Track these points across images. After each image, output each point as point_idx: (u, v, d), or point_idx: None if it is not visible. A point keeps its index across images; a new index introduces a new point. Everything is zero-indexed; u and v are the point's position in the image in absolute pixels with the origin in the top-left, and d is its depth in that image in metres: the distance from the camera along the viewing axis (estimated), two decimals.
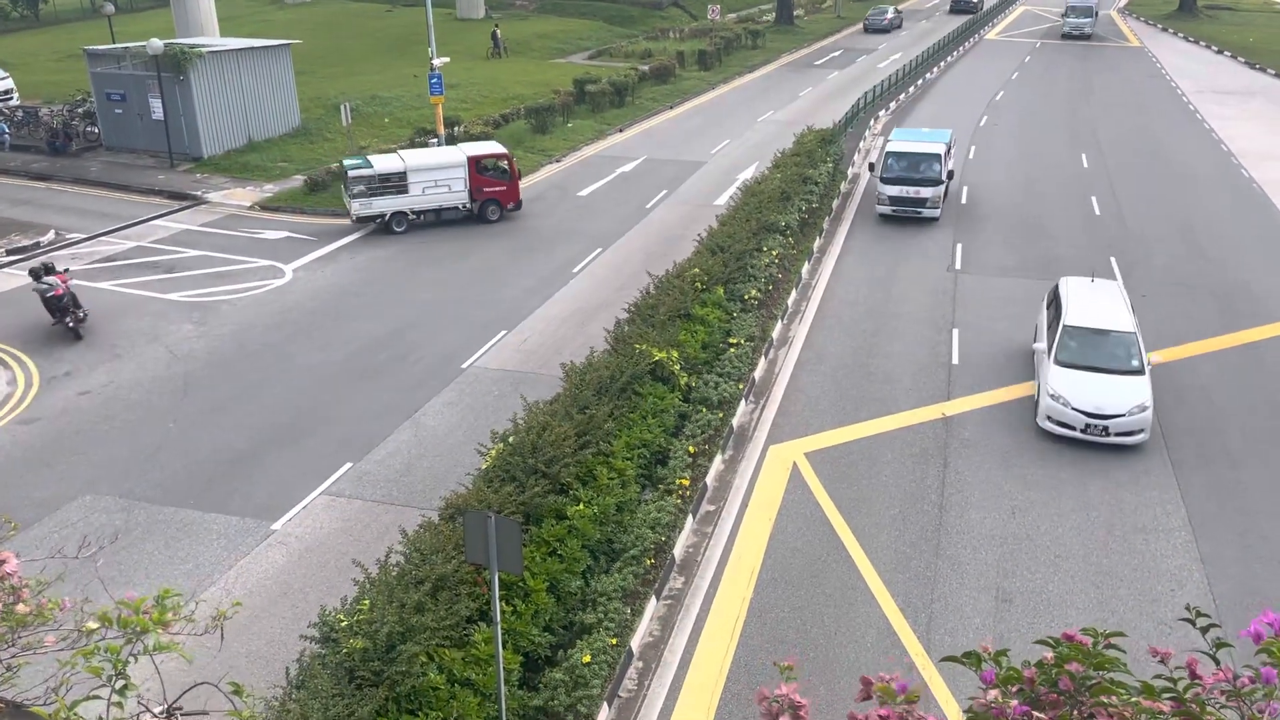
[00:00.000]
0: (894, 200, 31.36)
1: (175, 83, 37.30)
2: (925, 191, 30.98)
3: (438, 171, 31.46)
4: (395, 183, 30.96)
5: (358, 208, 30.65)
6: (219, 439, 19.60)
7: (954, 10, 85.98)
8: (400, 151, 32.93)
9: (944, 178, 31.36)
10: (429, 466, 18.54)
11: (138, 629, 2.88)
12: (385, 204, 30.97)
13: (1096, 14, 70.71)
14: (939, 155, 31.33)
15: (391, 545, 13.89)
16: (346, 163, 31.43)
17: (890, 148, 32.10)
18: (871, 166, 33.30)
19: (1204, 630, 2.57)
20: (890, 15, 77.79)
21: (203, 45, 39.53)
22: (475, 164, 31.90)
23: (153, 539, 16.47)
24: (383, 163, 31.17)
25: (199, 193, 35.07)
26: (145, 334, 24.25)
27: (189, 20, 50.23)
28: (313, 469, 18.46)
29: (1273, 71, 59.50)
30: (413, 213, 31.53)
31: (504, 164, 32.47)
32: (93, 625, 3.13)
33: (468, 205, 32.12)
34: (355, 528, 16.78)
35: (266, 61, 40.61)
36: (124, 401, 21.10)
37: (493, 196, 32.34)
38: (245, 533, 16.69)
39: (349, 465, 18.59)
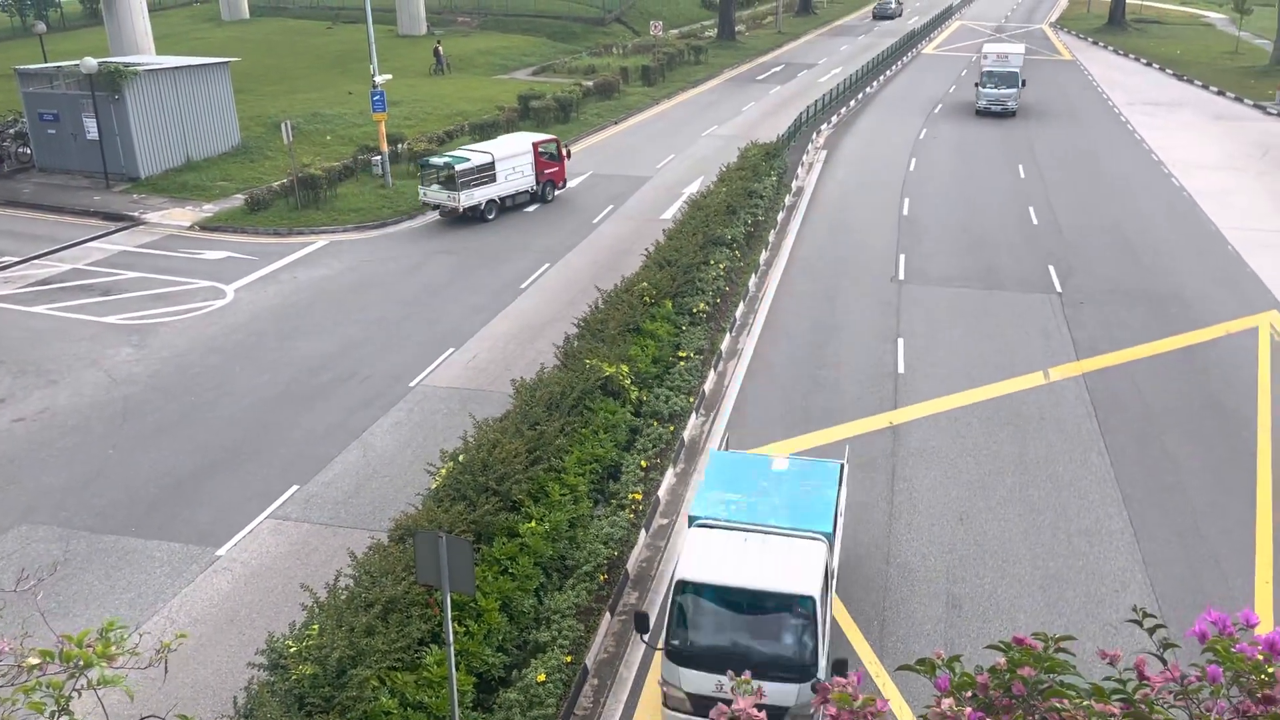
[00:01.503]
0: (696, 704, 11.94)
1: (110, 102, 36.60)
2: (776, 694, 11.26)
3: (515, 159, 34.51)
4: (488, 172, 33.48)
5: (464, 199, 32.89)
6: (160, 464, 19.18)
7: None
8: (479, 145, 35.79)
9: (819, 646, 11.82)
10: (378, 487, 18.31)
11: (81, 663, 2.80)
12: (483, 193, 33.49)
13: (1023, 83, 51.64)
14: (812, 600, 11.80)
15: (340, 568, 13.69)
16: (435, 160, 33.67)
17: (685, 569, 12.35)
18: (641, 620, 12.69)
19: (1150, 631, 2.63)
20: (894, 5, 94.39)
21: (138, 64, 38.87)
22: (537, 149, 35.27)
23: (93, 569, 16.05)
24: (476, 156, 33.66)
25: (136, 213, 34.40)
26: (82, 358, 23.69)
27: (123, 39, 49.37)
28: (258, 493, 18.13)
29: (1199, 83, 61.32)
30: (499, 199, 34.03)
31: (555, 148, 36.19)
32: (33, 661, 3.03)
33: (534, 188, 35.28)
34: (303, 551, 16.51)
35: (204, 80, 40.02)
36: (61, 428, 20.57)
37: (550, 178, 35.94)
38: (189, 560, 16.33)
39: (295, 488, 18.29)
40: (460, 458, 15.58)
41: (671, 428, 19.48)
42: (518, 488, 14.93)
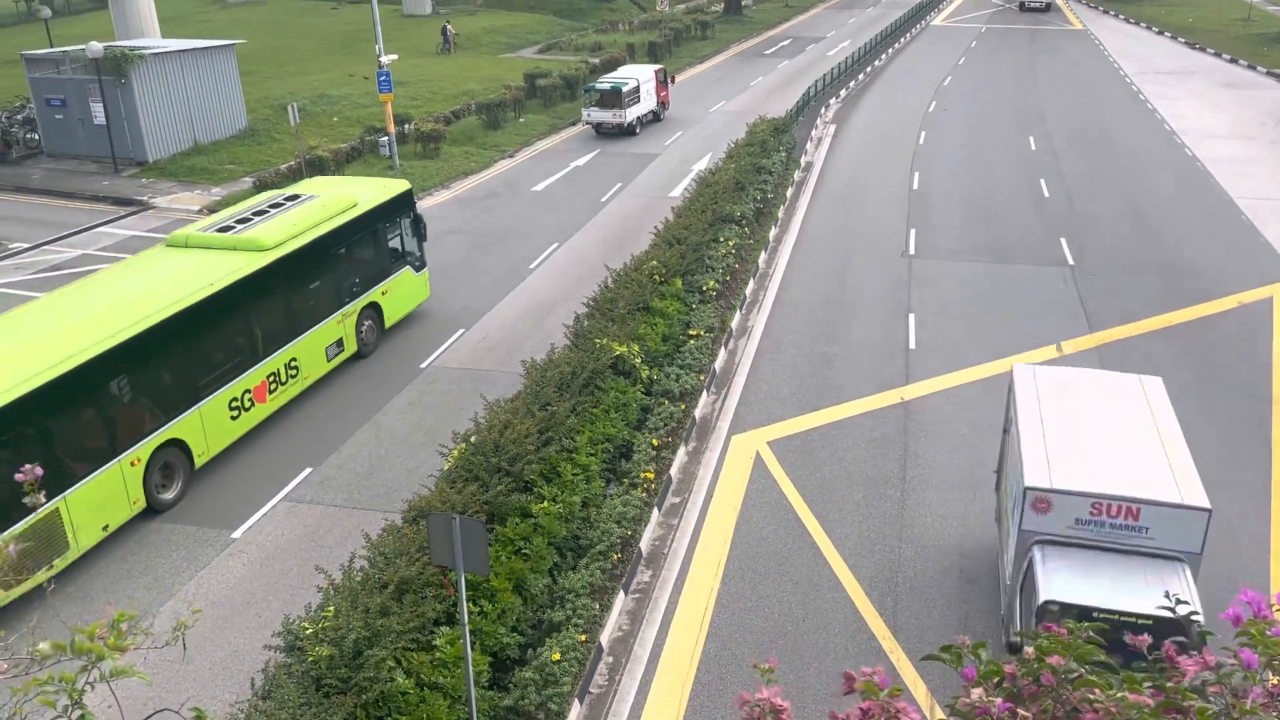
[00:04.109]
0: None
1: (117, 86, 36.53)
2: None
3: (647, 84, 42.85)
4: (637, 94, 41.75)
5: (629, 115, 41.16)
6: None
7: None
8: (616, 74, 43.49)
9: None
10: (390, 469, 18.33)
11: (94, 656, 2.77)
12: (635, 111, 41.73)
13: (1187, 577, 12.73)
14: None
15: (355, 550, 13.71)
16: (602, 85, 41.45)
17: None
18: None
19: (1186, 620, 2.57)
20: None
21: (144, 47, 38.74)
22: (658, 76, 44.11)
23: (109, 553, 16.12)
24: (629, 81, 41.51)
25: (145, 198, 34.38)
26: None
27: (129, 22, 49.18)
28: (272, 475, 18.18)
29: (1211, 51, 60.60)
30: (639, 117, 42.17)
31: (664, 75, 45.00)
32: (45, 649, 3.00)
33: (656, 108, 43.94)
34: (317, 533, 16.56)
35: (210, 62, 39.89)
36: None
37: (663, 101, 44.75)
38: (204, 543, 16.40)
39: (309, 470, 18.33)
40: (472, 439, 15.56)
41: (683, 406, 19.44)
42: (530, 468, 14.91)
